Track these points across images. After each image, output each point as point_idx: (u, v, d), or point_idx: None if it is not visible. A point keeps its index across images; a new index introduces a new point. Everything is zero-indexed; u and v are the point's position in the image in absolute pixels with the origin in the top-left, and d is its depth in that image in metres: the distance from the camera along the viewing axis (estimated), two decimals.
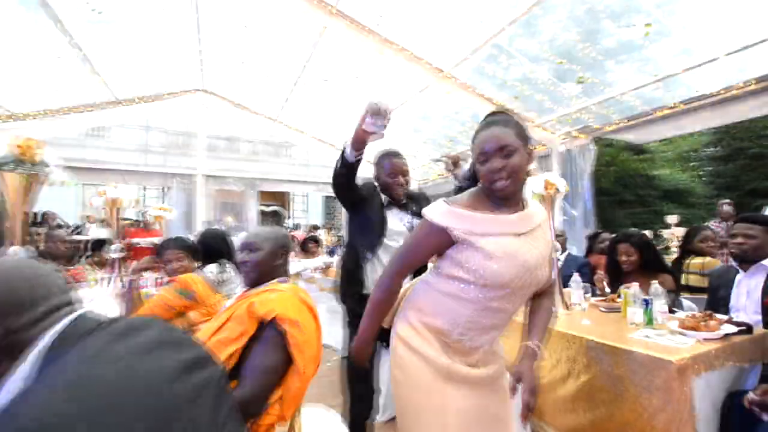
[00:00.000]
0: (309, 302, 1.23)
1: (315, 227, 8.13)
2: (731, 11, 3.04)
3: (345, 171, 1.51)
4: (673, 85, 3.93)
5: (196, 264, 2.10)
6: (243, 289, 1.34)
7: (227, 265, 2.36)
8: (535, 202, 1.15)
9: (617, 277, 2.31)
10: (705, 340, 1.43)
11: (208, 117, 7.54)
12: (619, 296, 2.03)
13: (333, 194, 1.75)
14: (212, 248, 2.40)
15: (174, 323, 1.64)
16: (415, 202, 1.85)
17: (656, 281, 1.79)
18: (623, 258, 2.24)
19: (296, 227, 8.97)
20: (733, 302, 1.87)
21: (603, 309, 2.03)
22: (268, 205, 13.81)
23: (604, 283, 2.33)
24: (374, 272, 1.70)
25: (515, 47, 4.24)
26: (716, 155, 14.97)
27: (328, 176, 1.64)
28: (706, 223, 3.81)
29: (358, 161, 1.48)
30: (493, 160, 0.99)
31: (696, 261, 2.62)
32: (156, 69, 5.88)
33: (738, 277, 1.88)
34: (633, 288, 1.73)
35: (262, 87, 6.41)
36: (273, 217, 14.04)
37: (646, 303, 1.66)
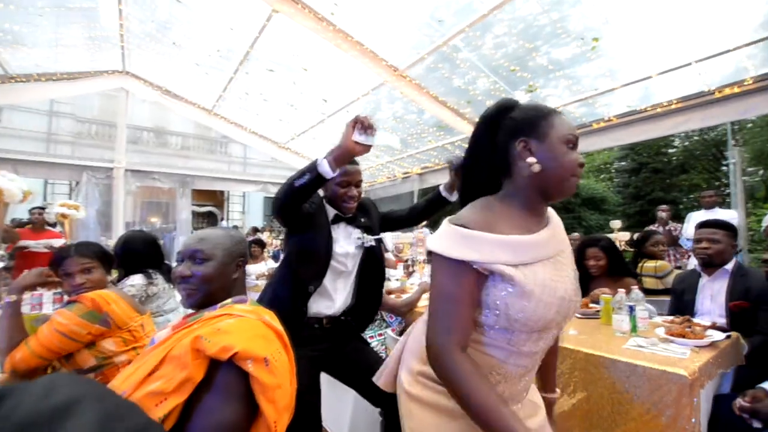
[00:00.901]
0: (277, 327, 0.93)
1: (257, 229, 7.51)
2: (662, 36, 3.31)
3: (313, 188, 1.26)
4: (608, 101, 4.20)
5: (111, 276, 1.64)
6: (182, 311, 0.99)
7: (156, 276, 1.93)
8: (549, 209, 0.92)
9: (585, 281, 2.30)
10: (698, 348, 1.39)
11: (130, 104, 6.62)
12: (596, 302, 1.99)
13: (274, 194, 1.44)
14: (136, 255, 1.94)
15: (82, 357, 1.22)
16: (362, 213, 1.59)
17: (635, 286, 1.76)
18: (592, 262, 2.23)
19: (236, 229, 8.26)
20: (698, 306, 1.91)
21: (579, 315, 1.97)
22: (201, 205, 12.68)
23: None
24: (317, 300, 1.44)
25: (471, 51, 4.23)
26: (624, 168, 17.04)
27: (270, 175, 1.35)
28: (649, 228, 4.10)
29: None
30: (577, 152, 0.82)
31: (649, 264, 2.74)
32: (65, 43, 4.97)
33: (702, 281, 1.93)
34: (619, 294, 1.67)
35: (197, 74, 5.74)
36: (207, 218, 12.92)
37: (631, 309, 1.61)
